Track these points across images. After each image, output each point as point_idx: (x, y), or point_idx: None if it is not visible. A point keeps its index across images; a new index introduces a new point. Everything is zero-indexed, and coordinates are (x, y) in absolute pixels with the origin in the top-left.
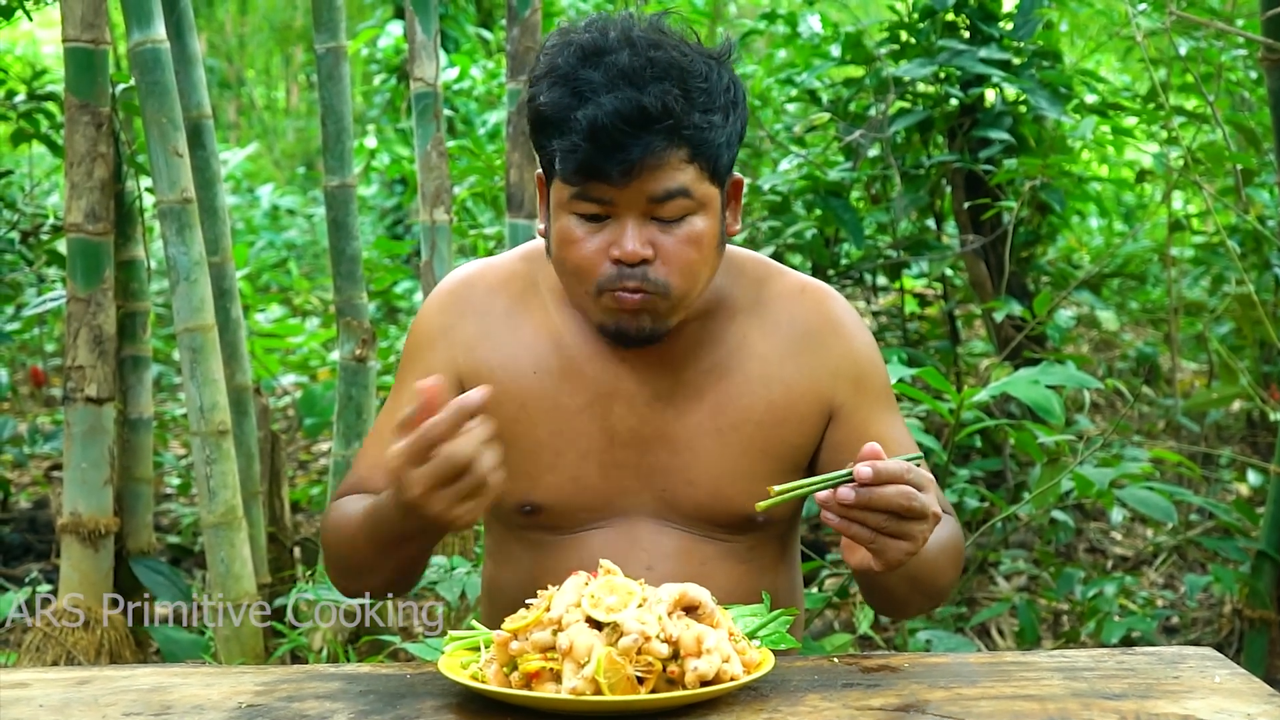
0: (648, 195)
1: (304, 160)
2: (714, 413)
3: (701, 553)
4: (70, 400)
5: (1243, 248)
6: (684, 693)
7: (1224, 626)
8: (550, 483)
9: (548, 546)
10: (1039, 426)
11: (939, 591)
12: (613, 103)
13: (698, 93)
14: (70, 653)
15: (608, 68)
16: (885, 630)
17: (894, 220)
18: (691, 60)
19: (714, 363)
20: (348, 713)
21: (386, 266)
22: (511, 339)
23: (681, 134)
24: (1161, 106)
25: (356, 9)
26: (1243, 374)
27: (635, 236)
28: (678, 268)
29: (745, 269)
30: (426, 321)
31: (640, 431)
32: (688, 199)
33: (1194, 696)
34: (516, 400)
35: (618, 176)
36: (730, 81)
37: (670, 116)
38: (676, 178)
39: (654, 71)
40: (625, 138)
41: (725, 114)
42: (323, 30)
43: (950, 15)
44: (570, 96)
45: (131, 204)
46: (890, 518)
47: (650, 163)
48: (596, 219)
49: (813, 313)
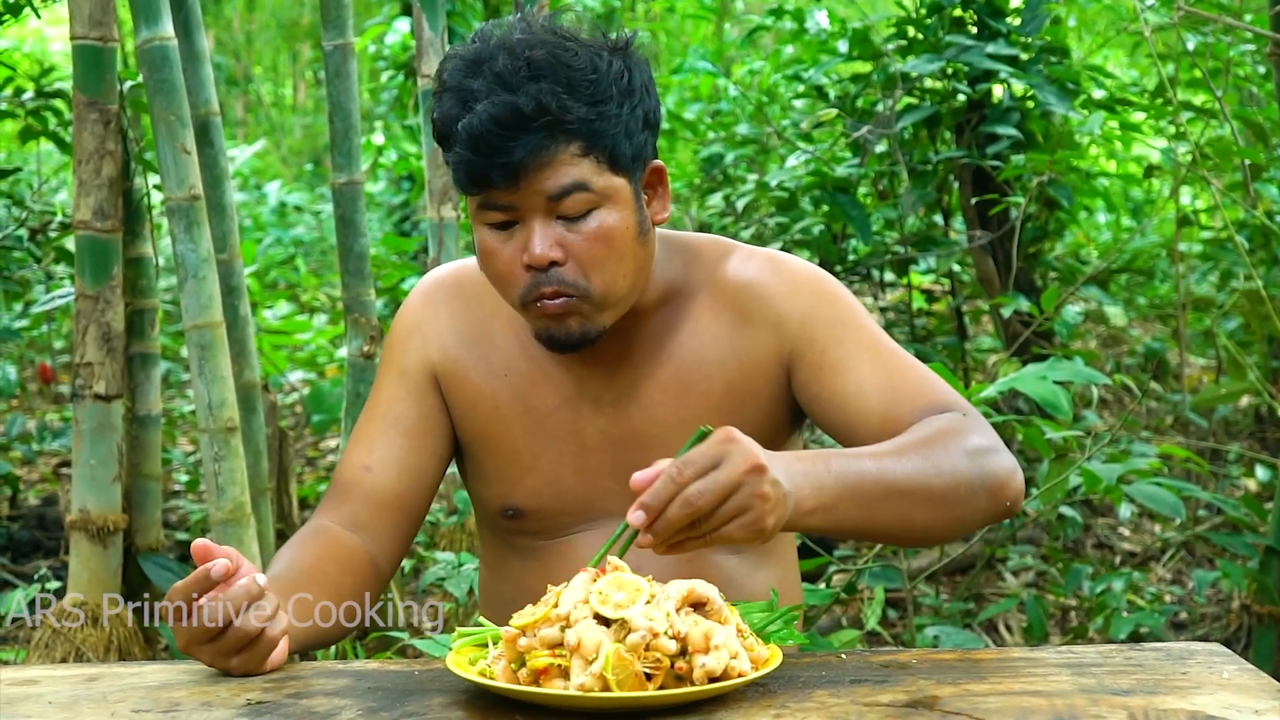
0: (544, 194)
1: (311, 157)
2: (677, 405)
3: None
4: (79, 397)
5: (1251, 243)
6: (692, 689)
7: (1232, 622)
8: (530, 486)
9: (536, 553)
10: (1047, 422)
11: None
12: (488, 109)
13: (583, 85)
14: (79, 649)
15: (486, 75)
16: (892, 626)
17: (901, 216)
18: (575, 55)
19: (671, 353)
20: (355, 709)
21: (394, 263)
22: (484, 340)
23: (565, 129)
24: (1169, 102)
25: (364, 6)
26: (1251, 369)
27: (541, 239)
28: (591, 265)
29: (702, 253)
30: (404, 319)
31: (609, 432)
32: (588, 193)
33: (1202, 692)
34: (490, 402)
35: (503, 180)
36: (625, 69)
37: (547, 113)
38: (570, 173)
39: (529, 72)
40: (503, 140)
41: (619, 103)
42: (330, 27)
43: (958, 11)
44: (458, 107)
45: (139, 201)
46: (698, 523)
47: (536, 162)
48: (505, 226)
49: (755, 278)
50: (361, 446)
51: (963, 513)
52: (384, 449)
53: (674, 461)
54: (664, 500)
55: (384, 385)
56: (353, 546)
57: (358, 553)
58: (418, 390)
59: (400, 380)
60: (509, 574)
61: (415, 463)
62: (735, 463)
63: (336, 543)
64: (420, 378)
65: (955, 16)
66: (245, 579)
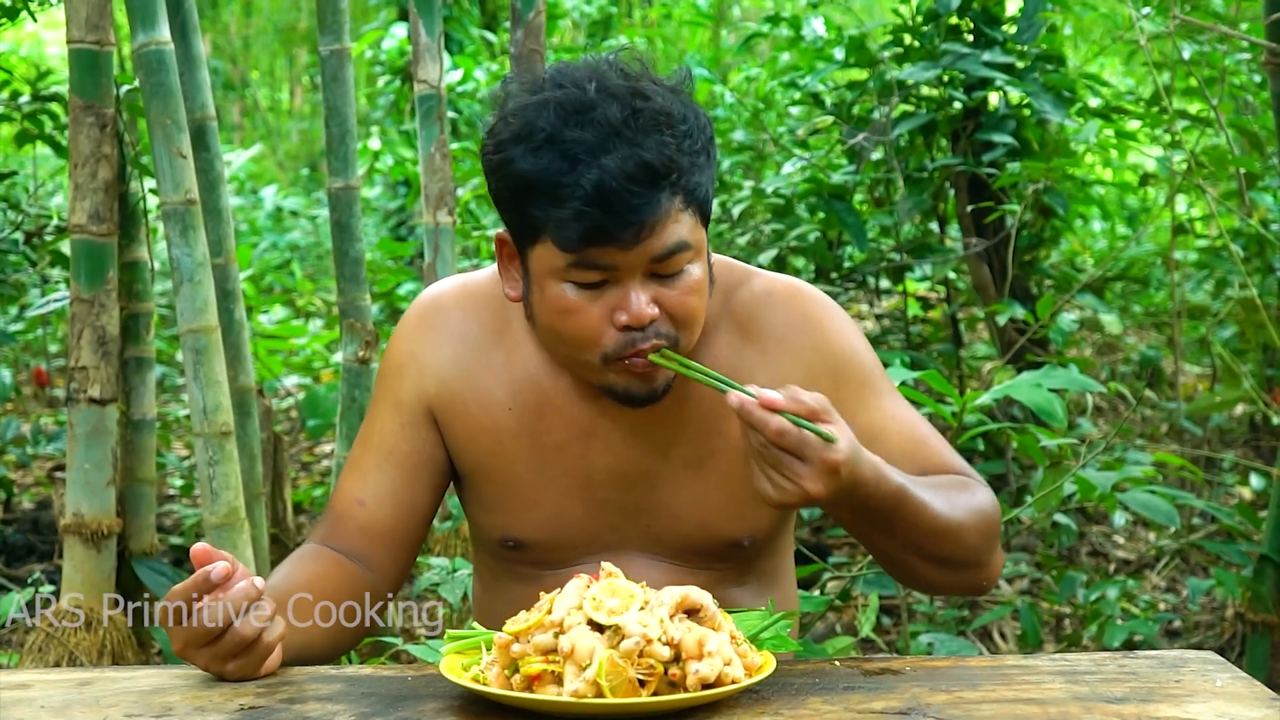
0: (651, 255)
1: (308, 162)
2: (691, 443)
3: (694, 582)
4: (73, 401)
5: (1246, 251)
6: (685, 695)
7: (1226, 630)
8: (532, 520)
9: (536, 580)
10: (1041, 430)
11: (958, 562)
12: (616, 163)
13: (684, 138)
14: (72, 653)
15: (596, 125)
16: (887, 633)
17: (897, 223)
18: (670, 104)
19: (686, 391)
20: (349, 714)
21: (390, 268)
22: (485, 371)
23: (679, 184)
24: (1165, 110)
25: (361, 11)
26: (1245, 378)
27: (642, 299)
28: (683, 319)
29: (716, 279)
30: (397, 349)
31: (619, 469)
32: (688, 250)
33: (1196, 700)
34: (492, 435)
35: (629, 240)
36: (704, 119)
37: (674, 169)
38: (677, 231)
39: (644, 122)
40: (634, 199)
41: (707, 153)
42: (327, 32)
43: (954, 19)
44: (561, 160)
45: (135, 205)
46: (766, 445)
47: (656, 220)
48: (596, 285)
49: (779, 315)
50: (356, 477)
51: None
52: (377, 482)
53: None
54: (786, 407)
55: (378, 415)
56: (350, 568)
57: (356, 573)
58: (412, 424)
59: (394, 412)
60: (506, 596)
61: (409, 495)
62: (828, 451)
63: (335, 563)
64: (415, 411)
65: (952, 24)
66: (244, 582)
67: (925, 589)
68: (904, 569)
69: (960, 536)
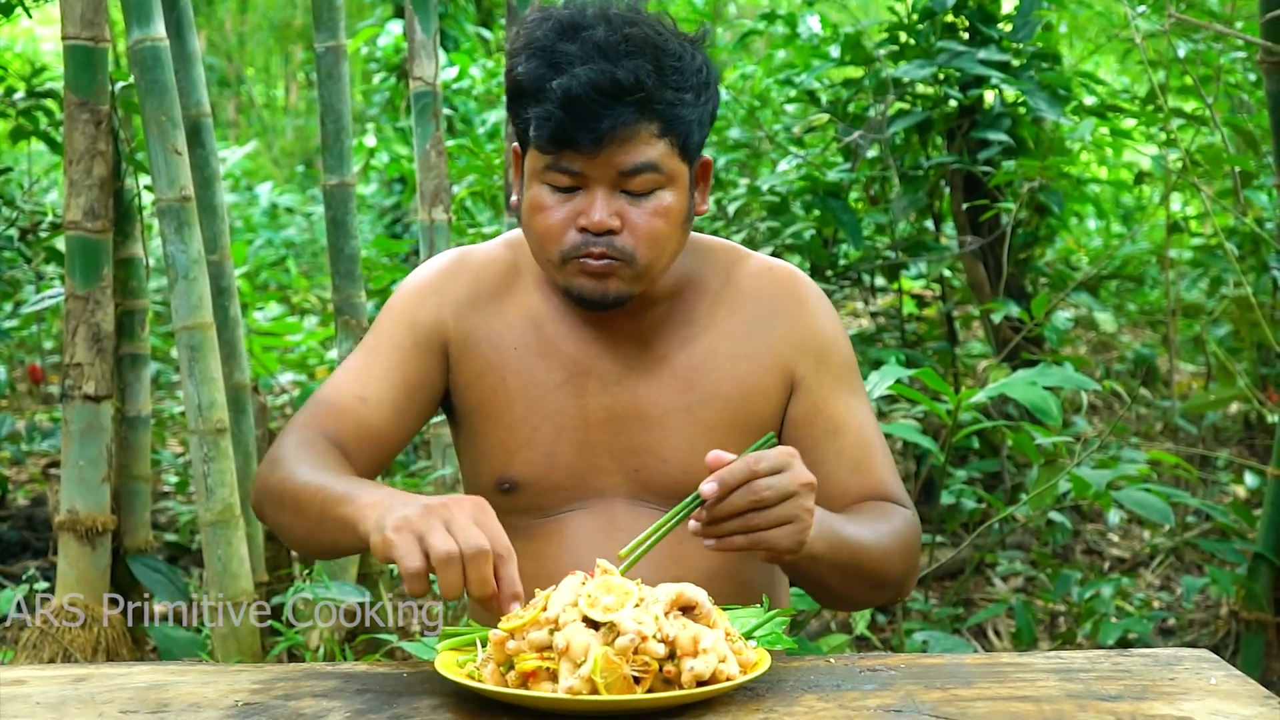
0: (617, 168)
1: (303, 159)
2: (684, 389)
3: (678, 532)
4: (68, 398)
5: (1241, 250)
6: (680, 692)
7: (1220, 628)
8: (526, 458)
9: (528, 532)
10: (1036, 428)
11: (884, 582)
12: (587, 74)
13: (671, 70)
14: (67, 650)
15: (584, 41)
16: (881, 631)
17: (892, 221)
18: (666, 39)
19: (684, 340)
20: (344, 711)
21: (385, 265)
22: (495, 314)
23: (653, 108)
24: (1160, 109)
25: (356, 8)
26: (1240, 376)
27: (603, 208)
28: (644, 237)
29: (716, 253)
30: (419, 280)
31: (613, 409)
32: (657, 173)
33: (1190, 698)
34: (497, 373)
35: (588, 145)
36: (704, 64)
37: (642, 90)
38: (646, 151)
39: (628, 46)
40: (597, 108)
41: (697, 93)
42: (322, 29)
43: (949, 16)
44: (546, 67)
45: (130, 202)
46: (753, 514)
47: (620, 134)
48: (567, 190)
49: (779, 289)
50: (356, 376)
51: (870, 598)
52: (380, 387)
53: (749, 454)
54: (738, 480)
55: (388, 329)
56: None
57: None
58: (425, 345)
59: (409, 331)
60: None
61: (405, 408)
62: (798, 474)
63: (340, 461)
64: (430, 335)
65: (947, 22)
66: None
67: (845, 608)
68: (831, 593)
69: (885, 560)
